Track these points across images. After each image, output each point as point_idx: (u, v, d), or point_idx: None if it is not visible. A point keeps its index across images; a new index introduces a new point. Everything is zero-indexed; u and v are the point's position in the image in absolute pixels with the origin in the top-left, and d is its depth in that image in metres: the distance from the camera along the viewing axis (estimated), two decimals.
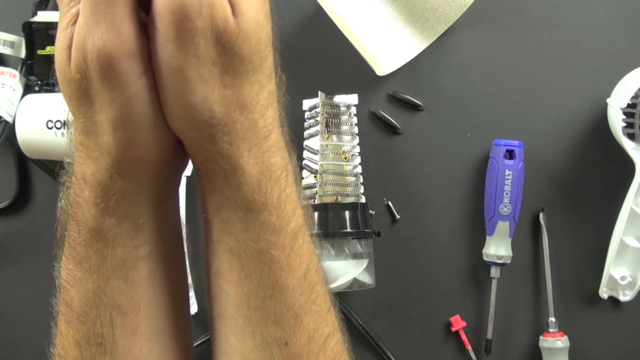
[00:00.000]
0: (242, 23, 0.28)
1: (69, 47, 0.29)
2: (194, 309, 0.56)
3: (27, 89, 0.56)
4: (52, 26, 0.55)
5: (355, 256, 0.54)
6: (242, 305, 0.33)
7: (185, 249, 0.39)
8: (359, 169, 0.56)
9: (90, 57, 0.28)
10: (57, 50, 0.29)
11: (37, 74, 0.56)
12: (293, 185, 0.33)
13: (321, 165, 0.54)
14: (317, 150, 0.54)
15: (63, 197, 0.33)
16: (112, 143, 0.30)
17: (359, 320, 0.58)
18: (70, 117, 0.31)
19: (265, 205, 0.31)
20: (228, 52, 0.29)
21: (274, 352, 0.32)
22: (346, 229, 0.53)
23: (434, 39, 0.57)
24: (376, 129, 0.58)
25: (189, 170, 0.56)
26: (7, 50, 0.56)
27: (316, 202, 0.53)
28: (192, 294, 0.56)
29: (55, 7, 0.57)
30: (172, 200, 0.35)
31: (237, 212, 0.32)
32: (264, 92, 0.31)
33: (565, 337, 0.57)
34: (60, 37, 0.29)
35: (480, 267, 0.58)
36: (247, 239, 0.32)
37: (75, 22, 0.28)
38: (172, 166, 0.33)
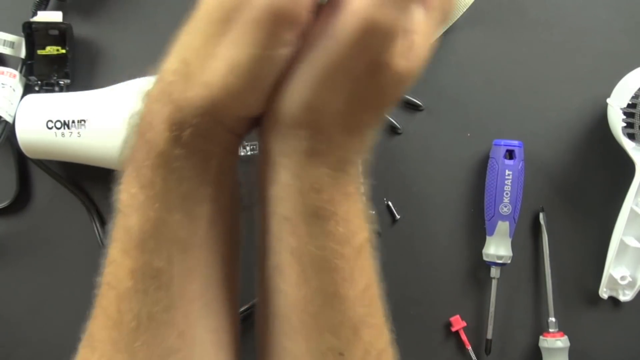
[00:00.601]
0: (408, 67, 0.28)
1: None
2: None
3: (27, 89, 0.56)
4: (52, 26, 0.55)
5: None
6: (298, 308, 0.32)
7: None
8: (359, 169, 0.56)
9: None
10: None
11: (37, 74, 0.56)
12: (362, 202, 0.32)
13: None
14: None
15: (136, 116, 0.31)
16: (218, 77, 0.28)
17: None
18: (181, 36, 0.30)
19: (334, 215, 0.31)
20: (378, 83, 0.29)
21: None
22: None
23: (434, 39, 0.57)
24: None
25: None
26: (7, 50, 0.56)
27: None
28: None
29: (55, 7, 0.57)
30: (236, 157, 0.34)
31: (303, 216, 0.31)
32: (371, 127, 0.32)
33: (565, 337, 0.57)
34: None
35: (480, 267, 0.58)
36: (310, 243, 0.31)
37: None
38: (249, 125, 0.32)
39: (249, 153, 0.57)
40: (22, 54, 0.56)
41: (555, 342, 0.56)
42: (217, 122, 0.30)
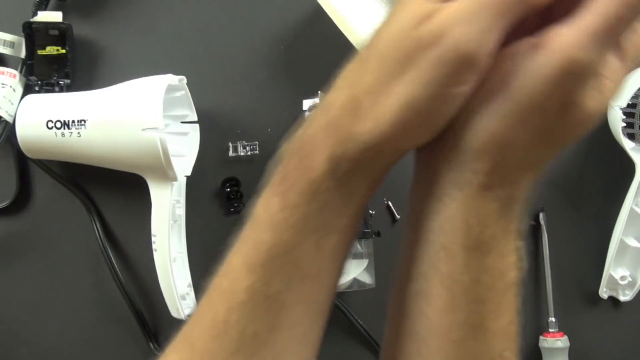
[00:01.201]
0: (596, 109, 0.29)
1: (427, 20, 0.28)
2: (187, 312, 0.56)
3: (27, 89, 0.56)
4: (52, 26, 0.55)
5: (355, 256, 0.54)
6: (440, 335, 0.32)
7: None
8: None
9: (447, 41, 0.27)
10: (404, 11, 0.29)
11: (37, 74, 0.56)
12: (519, 241, 0.33)
13: None
14: None
15: (296, 140, 0.32)
16: (391, 117, 0.29)
17: (359, 320, 0.58)
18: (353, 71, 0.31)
19: (494, 250, 0.31)
20: (565, 124, 0.30)
21: None
22: None
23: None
24: None
25: (188, 169, 0.56)
26: (7, 50, 0.56)
27: None
28: (192, 294, 0.56)
29: (55, 8, 0.57)
30: (378, 184, 0.34)
31: (464, 248, 0.31)
32: (544, 167, 0.32)
33: (565, 337, 0.57)
34: (416, 4, 0.28)
35: None
36: (464, 274, 0.31)
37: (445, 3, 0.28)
38: (407, 149, 0.33)
39: (249, 153, 0.57)
40: (22, 54, 0.56)
41: (555, 342, 0.56)
42: (376, 157, 0.31)
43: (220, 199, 0.58)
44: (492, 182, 0.31)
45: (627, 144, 0.54)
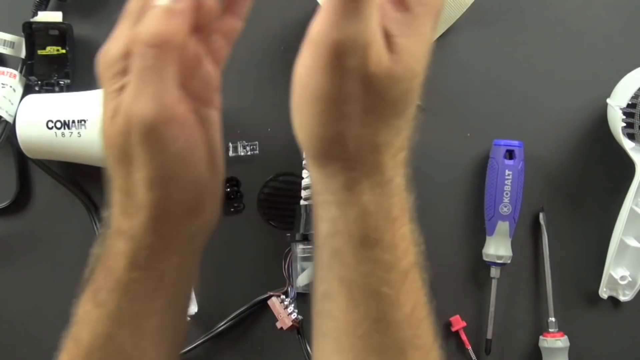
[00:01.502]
0: (396, 69, 0.29)
1: (114, 116, 0.30)
2: (193, 309, 0.56)
3: (27, 89, 0.56)
4: (52, 26, 0.55)
5: None
6: (348, 331, 0.33)
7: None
8: None
9: (134, 123, 0.29)
10: (104, 118, 0.31)
11: (37, 74, 0.56)
12: (408, 225, 0.33)
13: None
14: None
15: (99, 245, 0.34)
16: (147, 200, 0.31)
17: None
18: (110, 177, 0.33)
19: (379, 243, 0.32)
20: (374, 94, 0.29)
21: None
22: None
23: (434, 39, 0.57)
24: None
25: None
26: (7, 50, 0.56)
27: None
28: (192, 295, 0.56)
29: (55, 8, 0.57)
30: (197, 256, 0.36)
31: (350, 246, 0.32)
32: (399, 136, 0.31)
33: (565, 337, 0.57)
34: (106, 107, 0.31)
35: (480, 267, 0.58)
36: (358, 271, 0.32)
37: (120, 92, 0.30)
38: (204, 224, 0.34)
39: (249, 153, 0.57)
40: (22, 54, 0.56)
41: (555, 342, 0.56)
42: (168, 232, 0.33)
43: None
44: (354, 176, 0.31)
45: (627, 144, 0.54)
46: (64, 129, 0.51)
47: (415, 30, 0.29)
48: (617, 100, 0.54)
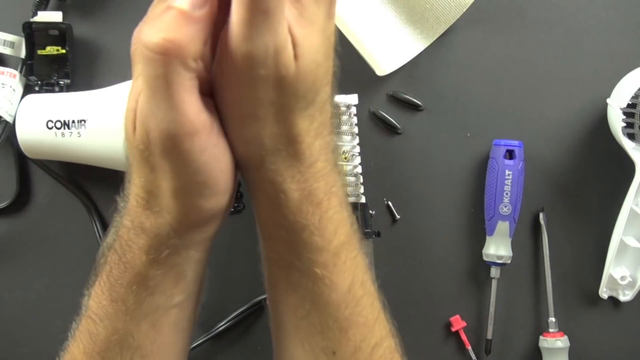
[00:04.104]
0: (301, 65, 0.29)
1: (135, 110, 0.29)
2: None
3: (27, 89, 0.56)
4: (52, 26, 0.55)
5: None
6: (290, 315, 0.34)
7: None
8: (359, 169, 0.56)
9: (153, 136, 0.28)
10: (126, 110, 0.30)
11: (37, 74, 0.56)
12: (337, 206, 0.33)
13: None
14: None
15: (112, 235, 0.34)
16: (173, 207, 0.31)
17: None
18: (131, 172, 0.32)
19: (306, 227, 0.32)
20: (285, 94, 0.29)
21: None
22: None
23: (434, 39, 0.57)
24: (376, 129, 0.58)
25: None
26: (7, 50, 0.56)
27: None
28: None
29: (55, 7, 0.57)
30: (210, 252, 0.36)
31: (281, 232, 0.33)
32: (314, 124, 0.32)
33: (565, 337, 0.57)
34: (130, 97, 0.30)
35: (480, 267, 0.58)
36: (290, 256, 0.33)
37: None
38: (222, 221, 0.35)
39: None
40: (22, 54, 0.56)
41: (555, 342, 0.56)
42: (191, 234, 0.33)
43: None
44: (274, 170, 0.32)
45: (627, 144, 0.54)
46: (64, 129, 0.51)
47: (308, 19, 0.29)
48: (617, 100, 0.54)
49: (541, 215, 0.58)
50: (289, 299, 0.34)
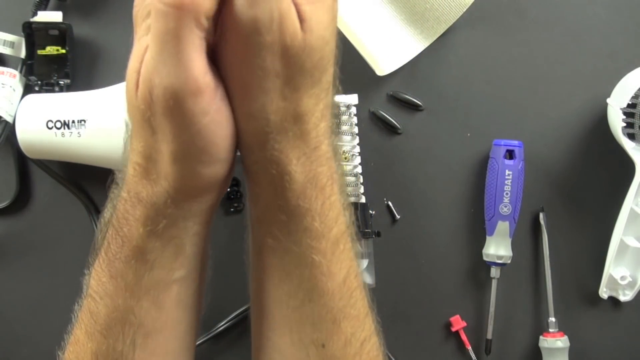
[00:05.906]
0: (309, 39, 0.29)
1: (138, 72, 0.29)
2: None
3: (27, 89, 0.56)
4: (52, 26, 0.55)
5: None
6: (281, 304, 0.33)
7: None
8: (359, 169, 0.56)
9: (157, 93, 0.28)
10: (128, 71, 0.30)
11: (37, 74, 0.56)
12: (337, 194, 0.33)
13: None
14: None
15: (109, 209, 0.33)
16: (170, 172, 0.30)
17: None
18: (128, 136, 0.32)
19: (308, 212, 0.32)
20: (292, 66, 0.29)
21: (311, 353, 0.33)
22: None
23: (434, 39, 0.57)
24: (376, 129, 0.58)
25: None
26: (7, 50, 0.56)
27: None
28: None
29: (55, 7, 0.57)
30: (211, 224, 0.36)
31: (281, 216, 0.32)
32: (320, 104, 0.31)
33: (565, 337, 0.57)
34: (133, 58, 0.29)
35: (480, 267, 0.58)
36: (289, 241, 0.32)
37: (146, 49, 0.28)
38: (220, 193, 0.34)
39: None
40: (22, 54, 0.56)
41: (555, 342, 0.56)
42: (189, 203, 0.32)
43: None
44: (279, 149, 0.31)
45: (627, 144, 0.54)
46: (64, 129, 0.51)
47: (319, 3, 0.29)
48: (617, 100, 0.54)
49: (541, 215, 0.58)
50: (282, 288, 0.33)
